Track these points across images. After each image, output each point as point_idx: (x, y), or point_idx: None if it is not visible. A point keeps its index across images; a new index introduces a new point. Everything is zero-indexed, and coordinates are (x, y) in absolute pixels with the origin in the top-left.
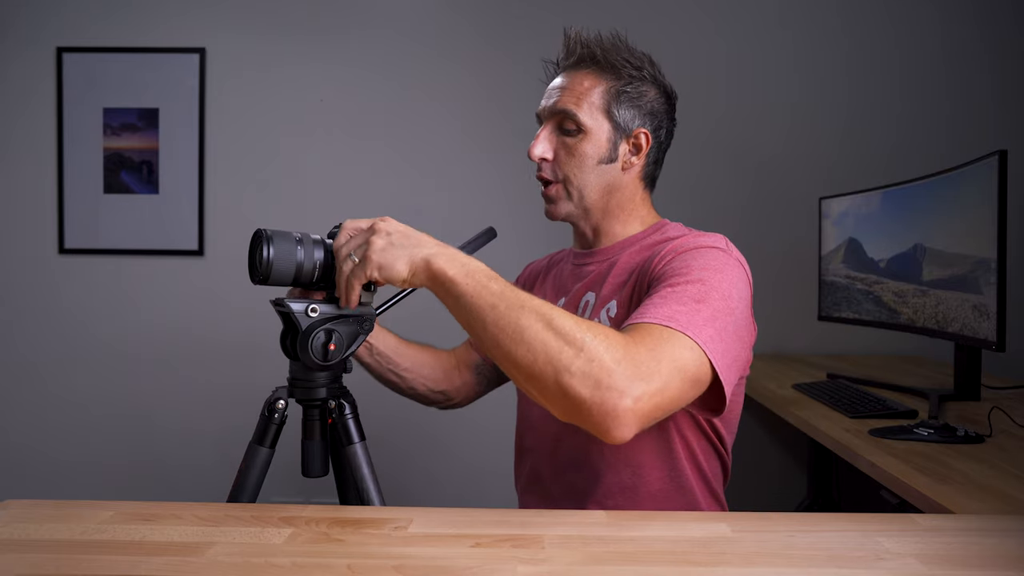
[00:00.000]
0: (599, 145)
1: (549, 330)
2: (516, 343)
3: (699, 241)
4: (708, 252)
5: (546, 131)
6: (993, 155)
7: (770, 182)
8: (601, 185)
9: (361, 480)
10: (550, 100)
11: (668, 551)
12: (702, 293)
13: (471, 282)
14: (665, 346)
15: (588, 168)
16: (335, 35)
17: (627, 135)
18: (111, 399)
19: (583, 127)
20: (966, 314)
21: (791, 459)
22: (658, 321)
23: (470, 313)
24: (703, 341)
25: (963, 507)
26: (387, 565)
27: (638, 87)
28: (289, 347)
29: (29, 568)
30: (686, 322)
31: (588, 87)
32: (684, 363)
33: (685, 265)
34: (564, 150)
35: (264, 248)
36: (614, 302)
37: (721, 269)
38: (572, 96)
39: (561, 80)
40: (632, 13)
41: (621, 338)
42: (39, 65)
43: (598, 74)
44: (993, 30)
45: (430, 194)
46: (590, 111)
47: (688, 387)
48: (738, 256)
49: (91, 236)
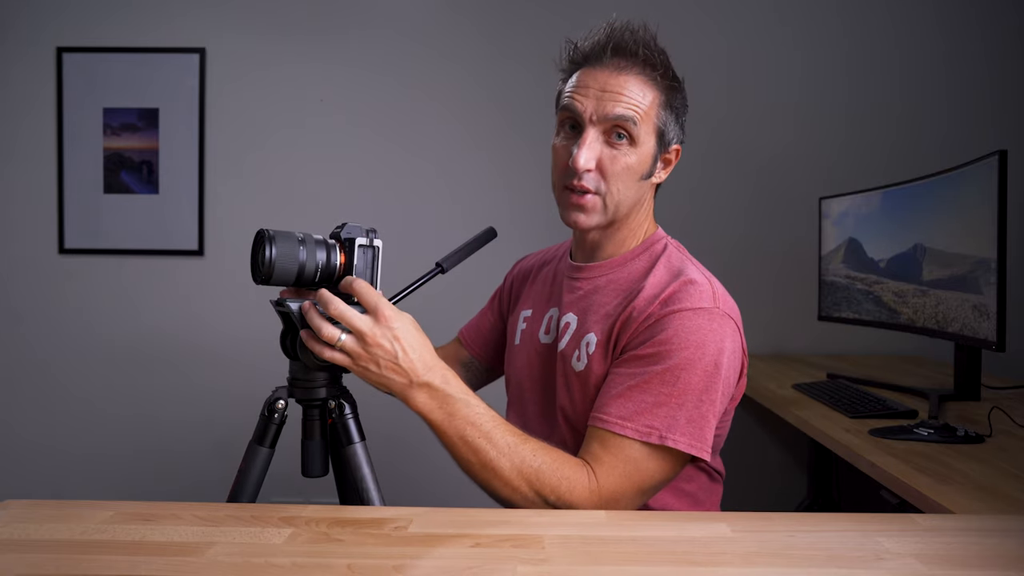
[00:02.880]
0: (645, 161)
1: (520, 478)
2: (492, 479)
3: (683, 301)
4: (692, 317)
5: (591, 137)
6: (993, 155)
7: (770, 182)
8: (635, 200)
9: (361, 480)
10: (602, 103)
11: (668, 551)
12: (684, 380)
13: (451, 429)
14: (631, 477)
15: (631, 184)
16: (335, 35)
17: (665, 150)
18: (111, 399)
19: (637, 140)
20: (966, 314)
21: (791, 459)
22: (636, 435)
23: (449, 448)
24: (685, 445)
25: (963, 507)
26: (387, 565)
27: (680, 97)
28: (289, 347)
29: (29, 568)
30: (665, 427)
31: (644, 96)
32: (653, 482)
33: (667, 339)
34: (610, 162)
35: (266, 248)
36: (594, 338)
37: (704, 341)
38: (631, 103)
39: (612, 80)
40: (632, 13)
41: (584, 484)
42: (39, 65)
43: (652, 82)
44: (993, 30)
45: (430, 194)
46: (647, 124)
47: (658, 490)
48: (726, 308)
49: (91, 236)
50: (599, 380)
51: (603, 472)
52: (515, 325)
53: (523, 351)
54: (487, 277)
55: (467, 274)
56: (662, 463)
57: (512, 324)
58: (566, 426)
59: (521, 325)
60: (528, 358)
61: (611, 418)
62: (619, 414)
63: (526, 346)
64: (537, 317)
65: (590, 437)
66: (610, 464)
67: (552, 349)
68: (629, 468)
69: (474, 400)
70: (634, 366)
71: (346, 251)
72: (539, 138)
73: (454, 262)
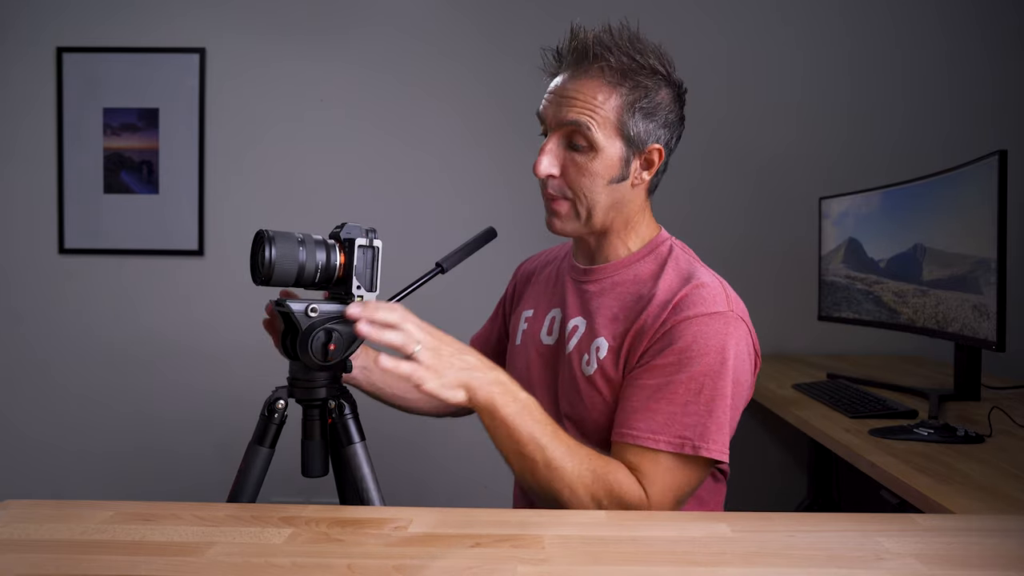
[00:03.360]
0: (611, 164)
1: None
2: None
3: (697, 306)
4: (709, 322)
5: (553, 144)
6: (993, 155)
7: (770, 182)
8: (610, 204)
9: (361, 480)
10: (559, 108)
11: (668, 551)
12: (709, 387)
13: (523, 425)
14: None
15: (599, 188)
16: (335, 34)
17: (640, 151)
18: (111, 399)
19: (595, 145)
20: (966, 314)
21: (791, 459)
22: (669, 448)
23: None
24: (717, 453)
25: (963, 507)
26: (387, 565)
27: (653, 98)
28: (289, 347)
29: (29, 568)
30: (696, 436)
31: (601, 100)
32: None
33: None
34: (573, 167)
35: (266, 249)
36: (604, 343)
37: (724, 346)
38: (584, 108)
39: (569, 84)
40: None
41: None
42: (39, 65)
43: (612, 84)
44: (993, 30)
45: (430, 193)
46: (604, 128)
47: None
48: (738, 310)
49: (91, 236)
50: (611, 385)
51: (649, 486)
52: (516, 324)
53: (523, 352)
54: (487, 277)
55: (467, 274)
56: (696, 471)
57: (514, 324)
58: (572, 428)
59: (522, 325)
60: (529, 359)
61: (642, 433)
62: (649, 428)
63: (527, 346)
64: (539, 317)
65: (621, 452)
66: (651, 478)
67: (555, 351)
68: (668, 480)
69: (533, 399)
70: (655, 376)
71: (346, 251)
72: (539, 136)
73: (454, 262)
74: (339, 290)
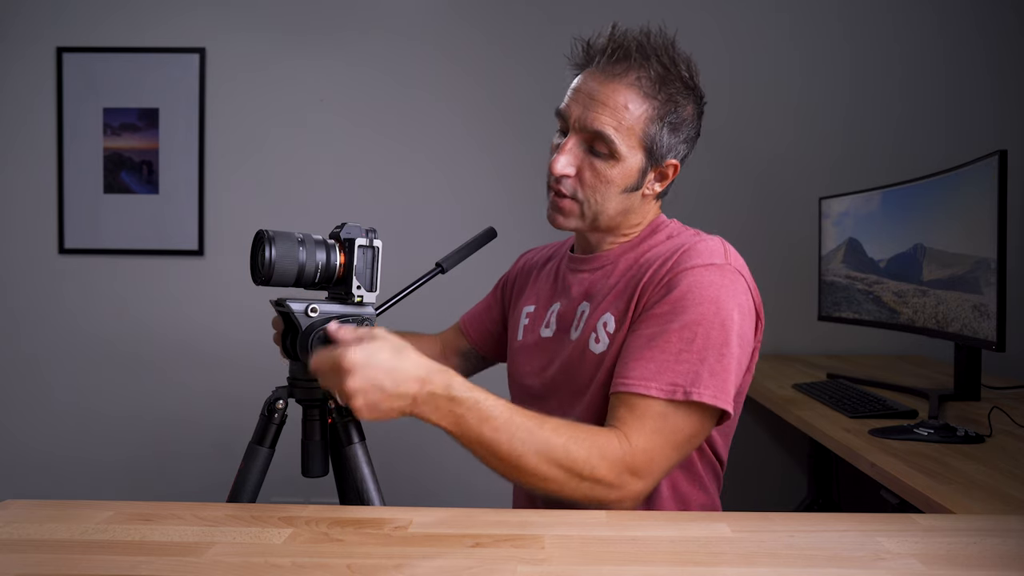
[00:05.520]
0: (628, 174)
1: (547, 463)
2: (519, 474)
3: (694, 259)
4: (704, 273)
5: (572, 143)
6: (993, 155)
7: (771, 182)
8: (619, 210)
9: (361, 480)
10: (586, 112)
11: (668, 551)
12: (703, 335)
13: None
14: (662, 433)
15: (612, 195)
16: (335, 34)
17: (658, 165)
18: (111, 399)
19: (617, 155)
20: (966, 314)
21: (791, 459)
22: (660, 394)
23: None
24: (709, 398)
25: (963, 507)
26: (387, 565)
27: (680, 112)
28: (289, 347)
29: (29, 568)
30: (688, 382)
31: (632, 110)
32: (684, 437)
33: (681, 296)
34: (590, 171)
35: (266, 249)
36: (611, 317)
37: (719, 296)
38: (613, 116)
39: (601, 88)
40: (633, 13)
41: (616, 447)
42: (39, 65)
43: (646, 94)
44: (993, 30)
45: (431, 193)
46: (628, 138)
47: (691, 448)
48: (736, 264)
49: (91, 236)
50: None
51: (633, 433)
52: (517, 321)
53: (525, 349)
54: (487, 277)
55: (467, 274)
56: (690, 418)
57: (514, 320)
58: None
59: (523, 321)
60: (529, 355)
61: (633, 380)
62: (641, 375)
63: (528, 342)
64: (540, 312)
65: (615, 403)
66: (639, 424)
67: (555, 342)
68: (658, 424)
69: (481, 395)
70: (651, 326)
71: (346, 251)
72: (539, 138)
73: (454, 262)
74: (339, 290)
